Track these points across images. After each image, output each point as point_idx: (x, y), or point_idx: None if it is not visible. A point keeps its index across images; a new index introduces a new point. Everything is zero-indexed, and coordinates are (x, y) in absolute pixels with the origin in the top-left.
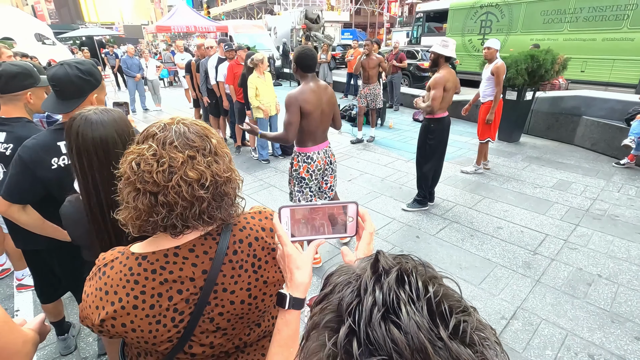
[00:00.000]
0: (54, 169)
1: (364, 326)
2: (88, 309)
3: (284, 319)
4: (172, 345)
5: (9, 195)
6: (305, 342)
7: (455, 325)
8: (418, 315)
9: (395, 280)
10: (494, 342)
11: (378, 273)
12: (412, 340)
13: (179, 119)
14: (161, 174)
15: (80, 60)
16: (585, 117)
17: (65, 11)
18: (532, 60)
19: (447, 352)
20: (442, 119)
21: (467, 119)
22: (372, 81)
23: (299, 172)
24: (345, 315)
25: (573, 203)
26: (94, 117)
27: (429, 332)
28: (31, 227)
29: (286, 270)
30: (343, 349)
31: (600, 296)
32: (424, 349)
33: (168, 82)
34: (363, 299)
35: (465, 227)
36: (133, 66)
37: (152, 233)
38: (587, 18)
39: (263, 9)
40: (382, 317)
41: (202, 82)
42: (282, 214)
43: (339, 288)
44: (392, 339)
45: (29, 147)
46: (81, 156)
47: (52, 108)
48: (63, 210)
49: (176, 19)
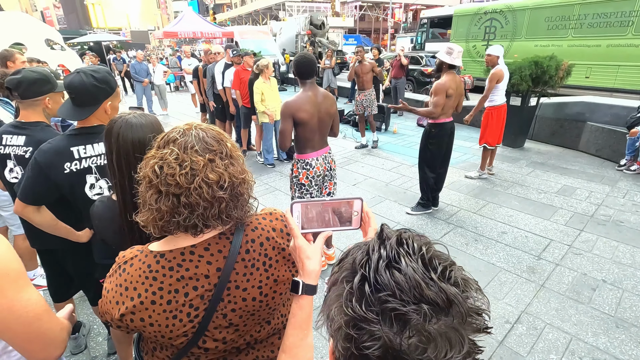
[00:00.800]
0: (66, 173)
1: (372, 273)
2: (108, 304)
3: (298, 304)
4: (187, 339)
5: (24, 196)
6: (327, 295)
7: (442, 271)
8: (414, 263)
9: (395, 242)
10: (475, 288)
11: (382, 238)
12: (410, 279)
13: (196, 125)
14: (184, 177)
15: (95, 69)
16: (589, 123)
17: (73, 17)
18: (536, 67)
19: (437, 288)
20: (444, 125)
21: (472, 125)
22: (366, 87)
23: (299, 178)
24: (358, 267)
25: (578, 208)
26: (134, 121)
27: (422, 275)
28: (45, 227)
29: (298, 260)
30: (357, 290)
31: (604, 301)
32: (418, 286)
33: (174, 87)
34: (371, 256)
35: (469, 232)
36: (141, 71)
37: (172, 233)
38: (591, 24)
39: (268, 14)
40: (386, 266)
41: (209, 87)
42: (293, 209)
43: (352, 252)
44: (394, 280)
45: (45, 150)
46: (120, 156)
47: (68, 114)
48: (94, 209)
49: (183, 24)
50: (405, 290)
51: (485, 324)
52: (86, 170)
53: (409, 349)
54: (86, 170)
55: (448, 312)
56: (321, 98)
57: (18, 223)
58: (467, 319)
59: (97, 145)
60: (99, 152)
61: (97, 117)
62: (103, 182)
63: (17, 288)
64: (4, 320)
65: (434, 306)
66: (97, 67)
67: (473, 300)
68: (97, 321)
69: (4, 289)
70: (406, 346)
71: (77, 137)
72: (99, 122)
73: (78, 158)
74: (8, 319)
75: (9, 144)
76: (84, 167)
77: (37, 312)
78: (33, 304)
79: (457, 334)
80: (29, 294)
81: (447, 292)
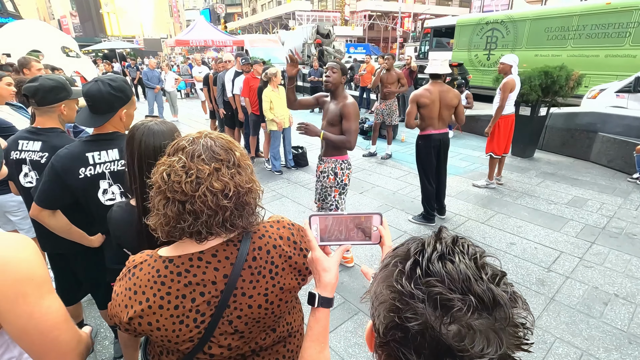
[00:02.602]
0: (80, 178)
1: (425, 261)
2: (117, 307)
3: (315, 317)
4: (192, 345)
5: (40, 200)
6: (376, 274)
7: (493, 275)
8: (467, 260)
9: (451, 241)
10: (523, 306)
11: (440, 237)
12: (461, 272)
13: (206, 133)
14: (189, 185)
15: (113, 77)
16: (601, 134)
17: (89, 25)
18: (545, 77)
19: (485, 286)
20: (430, 136)
21: (480, 134)
22: (389, 97)
23: (343, 179)
24: (412, 254)
25: (589, 220)
26: (156, 128)
27: (473, 272)
28: (59, 231)
29: (315, 272)
30: (409, 271)
31: (617, 316)
32: (468, 279)
33: (185, 93)
34: (425, 248)
35: (477, 242)
36: (153, 78)
37: (178, 239)
38: (589, 35)
39: (278, 23)
40: (439, 257)
41: (219, 95)
42: (312, 222)
43: (408, 243)
44: (446, 270)
45: (62, 156)
46: (142, 162)
47: (85, 122)
48: (112, 214)
49: (195, 33)
50: (455, 280)
51: (526, 340)
52: (100, 175)
53: (447, 334)
54: (100, 175)
55: (491, 312)
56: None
57: (27, 227)
58: (509, 324)
59: (112, 151)
60: (113, 158)
61: (112, 124)
62: (116, 187)
63: (39, 294)
64: (23, 326)
65: (480, 302)
66: (114, 76)
67: (518, 311)
68: (104, 325)
69: (27, 294)
70: (445, 331)
71: (93, 144)
72: (114, 129)
73: (92, 164)
74: (27, 325)
75: (24, 149)
76: (97, 172)
77: (56, 320)
78: (53, 312)
79: (496, 336)
80: (50, 302)
81: (495, 292)
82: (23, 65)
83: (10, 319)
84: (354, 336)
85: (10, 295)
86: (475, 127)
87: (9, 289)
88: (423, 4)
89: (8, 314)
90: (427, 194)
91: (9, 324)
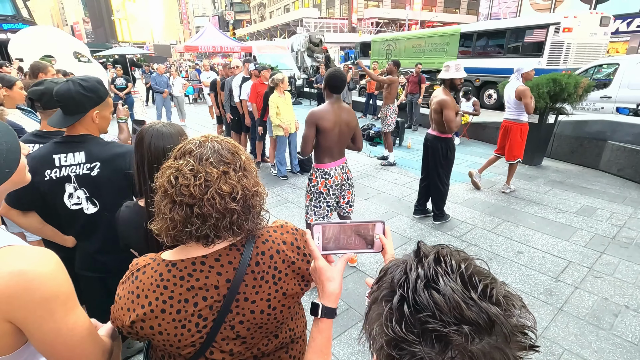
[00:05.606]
0: (46, 180)
1: (411, 293)
2: (120, 310)
3: (318, 327)
4: (194, 349)
5: (9, 199)
6: (368, 313)
7: (483, 289)
8: (453, 283)
9: (433, 260)
10: (520, 306)
11: (420, 256)
12: (449, 300)
13: (212, 137)
14: (198, 188)
15: (85, 77)
16: (611, 142)
17: (101, 31)
18: (554, 84)
19: (478, 308)
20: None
21: (485, 140)
22: (384, 102)
23: (317, 187)
24: (397, 287)
25: (598, 230)
26: (164, 130)
27: (462, 295)
28: (30, 230)
29: (318, 281)
30: (397, 311)
31: (627, 328)
32: (458, 306)
33: (193, 98)
34: (409, 275)
35: (484, 250)
36: (162, 83)
37: (185, 243)
38: (431, 50)
39: (286, 30)
40: (425, 286)
41: (226, 100)
42: (314, 230)
43: (390, 270)
44: (433, 301)
45: (32, 157)
46: (151, 163)
47: (55, 122)
48: (121, 215)
49: (204, 39)
50: (445, 311)
51: (531, 342)
52: (65, 178)
53: None
54: (65, 178)
55: (491, 332)
56: (344, 112)
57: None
58: (511, 338)
59: (78, 154)
60: (78, 161)
61: (84, 125)
62: (81, 192)
63: (65, 310)
64: (51, 342)
65: (476, 327)
66: (87, 76)
67: (517, 319)
68: None
69: (53, 311)
70: None
71: (61, 145)
72: (86, 131)
73: (58, 166)
74: (55, 341)
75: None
76: (63, 175)
77: (82, 335)
78: (79, 326)
79: (501, 353)
80: (76, 316)
81: (489, 312)
82: (39, 69)
83: (37, 335)
84: (357, 343)
85: (37, 313)
86: (482, 134)
87: (36, 308)
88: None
89: (35, 331)
90: (441, 194)
91: (36, 340)
